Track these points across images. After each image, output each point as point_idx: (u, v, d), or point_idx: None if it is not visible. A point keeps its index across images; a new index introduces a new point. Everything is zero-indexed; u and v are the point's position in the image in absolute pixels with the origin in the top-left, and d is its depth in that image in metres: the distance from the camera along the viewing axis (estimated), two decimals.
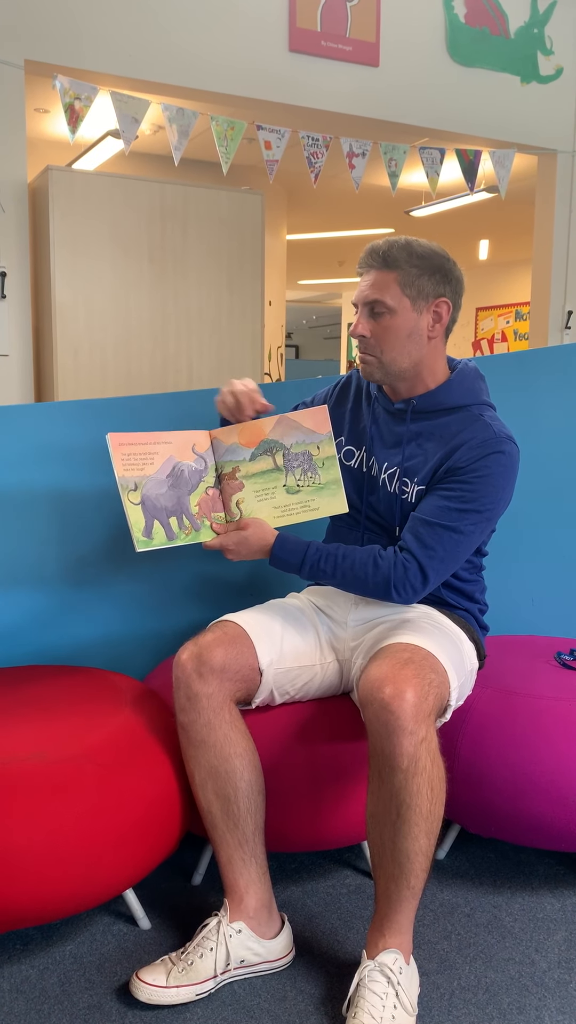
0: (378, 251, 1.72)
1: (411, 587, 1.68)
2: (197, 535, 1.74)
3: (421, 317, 1.73)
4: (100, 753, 1.60)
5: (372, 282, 1.73)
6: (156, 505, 1.69)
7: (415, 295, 1.72)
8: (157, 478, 1.70)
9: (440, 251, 1.74)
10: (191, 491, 1.73)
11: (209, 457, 1.76)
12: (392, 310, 1.72)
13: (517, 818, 1.77)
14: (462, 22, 5.15)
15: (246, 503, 1.76)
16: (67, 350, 4.62)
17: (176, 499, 1.72)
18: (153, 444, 1.70)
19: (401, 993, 1.46)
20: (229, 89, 4.63)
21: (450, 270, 1.74)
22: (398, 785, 1.46)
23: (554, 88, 5.53)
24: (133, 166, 6.38)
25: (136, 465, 1.68)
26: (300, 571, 1.73)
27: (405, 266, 1.71)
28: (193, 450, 1.75)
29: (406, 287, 1.71)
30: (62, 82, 4.04)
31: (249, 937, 1.59)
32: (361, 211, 8.32)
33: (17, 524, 2.08)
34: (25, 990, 1.58)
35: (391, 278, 1.71)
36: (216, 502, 1.76)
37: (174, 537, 1.71)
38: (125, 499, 1.66)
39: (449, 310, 1.75)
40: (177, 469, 1.72)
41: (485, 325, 11.41)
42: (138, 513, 1.68)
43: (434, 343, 1.77)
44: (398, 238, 1.74)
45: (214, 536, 1.74)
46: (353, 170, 4.86)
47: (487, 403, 1.80)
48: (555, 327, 5.83)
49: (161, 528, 1.69)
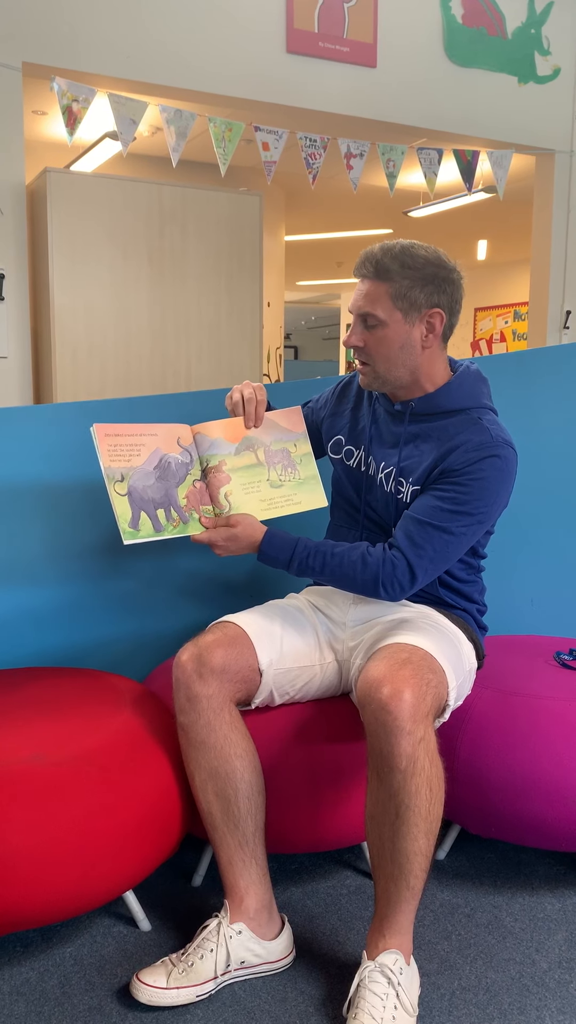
0: (371, 259, 1.70)
1: (399, 584, 1.68)
2: (185, 528, 1.73)
3: (414, 328, 1.71)
4: (100, 755, 1.60)
5: (364, 293, 1.71)
6: (144, 497, 1.69)
7: (407, 307, 1.69)
8: (144, 469, 1.70)
9: (436, 259, 1.71)
10: (178, 483, 1.74)
11: (193, 451, 1.77)
12: (383, 323, 1.70)
13: (517, 818, 1.77)
14: (459, 23, 5.15)
15: (234, 495, 1.78)
16: (66, 352, 4.62)
17: (164, 491, 1.71)
18: (139, 436, 1.70)
19: (401, 994, 1.46)
20: (227, 90, 4.63)
21: (445, 278, 1.71)
22: (397, 785, 1.46)
23: (551, 88, 5.53)
24: (131, 168, 6.38)
25: (123, 456, 1.68)
26: (288, 567, 1.73)
27: (397, 278, 1.68)
28: (178, 443, 1.75)
29: (398, 299, 1.69)
30: (60, 84, 4.05)
31: (249, 938, 1.59)
32: (359, 212, 8.32)
33: (17, 526, 2.08)
34: (25, 992, 1.58)
35: (383, 290, 1.69)
36: (204, 495, 1.77)
37: (161, 529, 1.70)
38: (111, 490, 1.66)
39: (443, 320, 1.73)
40: (164, 461, 1.72)
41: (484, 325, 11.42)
42: (124, 504, 1.67)
43: (429, 351, 1.75)
44: (394, 244, 1.71)
45: (202, 530, 1.74)
46: (351, 171, 4.86)
47: (488, 406, 1.79)
48: (553, 327, 5.83)
49: (148, 520, 1.69)
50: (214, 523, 1.75)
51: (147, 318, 4.82)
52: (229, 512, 1.77)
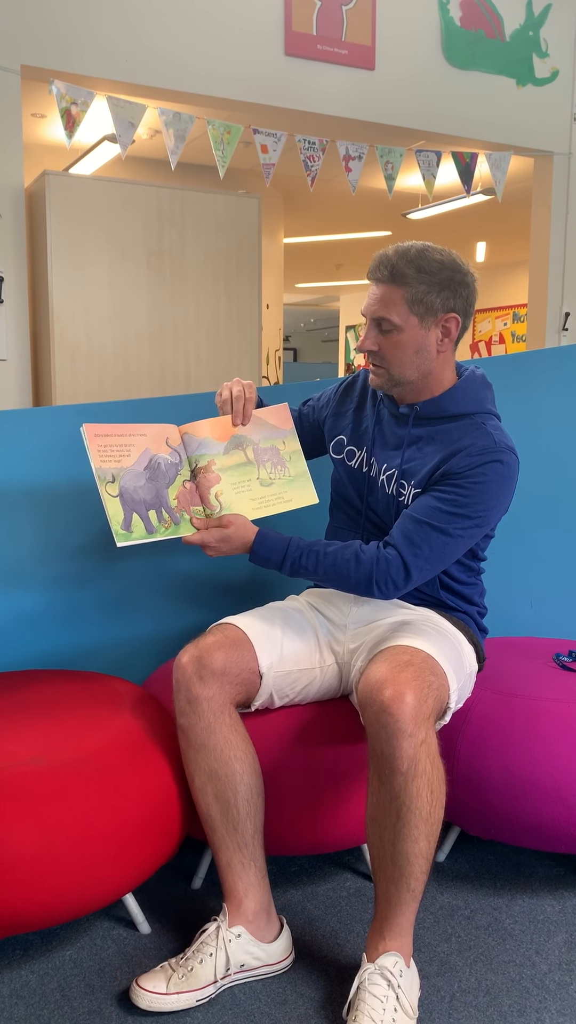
0: (387, 263, 1.69)
1: (392, 582, 1.67)
2: (177, 529, 1.72)
3: (429, 333, 1.71)
4: (99, 757, 1.60)
5: (380, 298, 1.70)
6: (135, 498, 1.68)
7: (423, 312, 1.69)
8: (135, 470, 1.69)
9: (451, 262, 1.70)
10: (169, 484, 1.73)
11: (182, 451, 1.76)
12: (399, 328, 1.69)
13: (517, 820, 1.77)
14: (457, 25, 5.16)
15: (225, 495, 1.77)
16: (65, 354, 4.62)
17: (155, 492, 1.70)
18: (129, 436, 1.69)
19: (401, 996, 1.46)
20: (225, 93, 4.63)
21: (460, 282, 1.70)
22: (398, 787, 1.46)
23: (550, 90, 5.54)
24: (130, 170, 6.38)
25: (113, 457, 1.67)
26: (281, 568, 1.72)
27: (413, 283, 1.67)
28: (167, 443, 1.74)
29: (414, 304, 1.68)
30: (58, 87, 4.05)
31: (248, 941, 1.59)
32: (358, 214, 8.33)
33: (16, 528, 2.08)
34: (25, 995, 1.58)
35: (399, 295, 1.68)
36: (194, 496, 1.76)
37: (154, 531, 1.69)
38: (103, 491, 1.65)
39: (458, 325, 1.72)
40: (154, 462, 1.71)
41: (483, 327, 11.42)
42: (117, 506, 1.66)
43: (443, 356, 1.75)
44: (409, 247, 1.70)
45: (194, 531, 1.73)
46: (350, 173, 4.87)
47: (491, 412, 1.79)
48: (552, 329, 5.83)
49: (140, 521, 1.68)
50: (206, 524, 1.74)
51: (146, 320, 4.82)
52: (220, 512, 1.76)
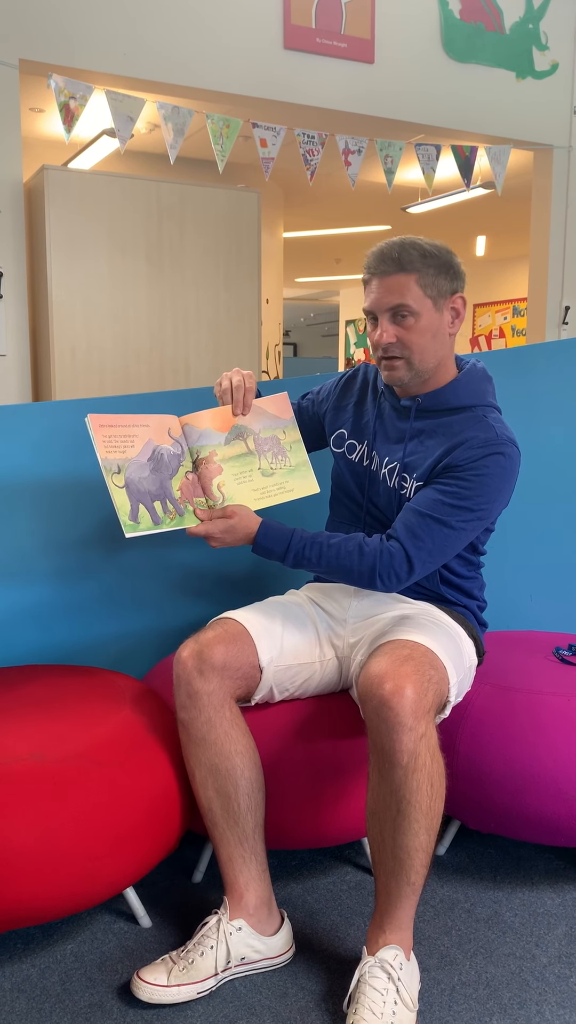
0: (391, 254, 1.70)
1: (395, 575, 1.68)
2: (181, 520, 1.72)
3: (443, 316, 1.73)
4: (100, 752, 1.60)
5: (391, 287, 1.70)
6: (140, 489, 1.68)
7: (435, 295, 1.71)
8: (139, 461, 1.69)
9: (444, 247, 1.74)
10: (172, 475, 1.73)
11: (183, 442, 1.76)
12: (416, 312, 1.70)
13: (517, 813, 1.77)
14: (457, 18, 5.14)
15: (227, 486, 1.77)
16: (64, 349, 4.62)
17: (159, 483, 1.70)
18: (132, 426, 1.70)
19: (402, 989, 1.46)
20: (224, 87, 4.62)
21: (456, 264, 1.74)
22: (398, 781, 1.46)
23: (549, 83, 5.53)
24: (129, 165, 6.37)
25: (118, 447, 1.67)
26: (284, 559, 1.72)
27: (421, 267, 1.69)
28: (169, 434, 1.74)
29: (427, 288, 1.70)
30: (57, 81, 4.04)
31: (249, 934, 1.59)
32: (358, 208, 8.31)
33: (17, 523, 2.08)
34: (26, 989, 1.58)
35: (411, 280, 1.69)
36: (196, 487, 1.76)
37: (159, 522, 1.69)
38: (110, 482, 1.65)
39: (465, 304, 1.76)
40: (157, 453, 1.71)
41: (483, 321, 11.41)
42: (123, 496, 1.66)
43: (452, 341, 1.78)
44: (402, 239, 1.72)
45: (198, 522, 1.73)
46: (349, 167, 4.86)
47: (492, 405, 1.79)
48: (552, 323, 5.83)
49: (147, 512, 1.68)
50: (209, 515, 1.74)
51: (146, 315, 4.82)
52: (223, 503, 1.76)
